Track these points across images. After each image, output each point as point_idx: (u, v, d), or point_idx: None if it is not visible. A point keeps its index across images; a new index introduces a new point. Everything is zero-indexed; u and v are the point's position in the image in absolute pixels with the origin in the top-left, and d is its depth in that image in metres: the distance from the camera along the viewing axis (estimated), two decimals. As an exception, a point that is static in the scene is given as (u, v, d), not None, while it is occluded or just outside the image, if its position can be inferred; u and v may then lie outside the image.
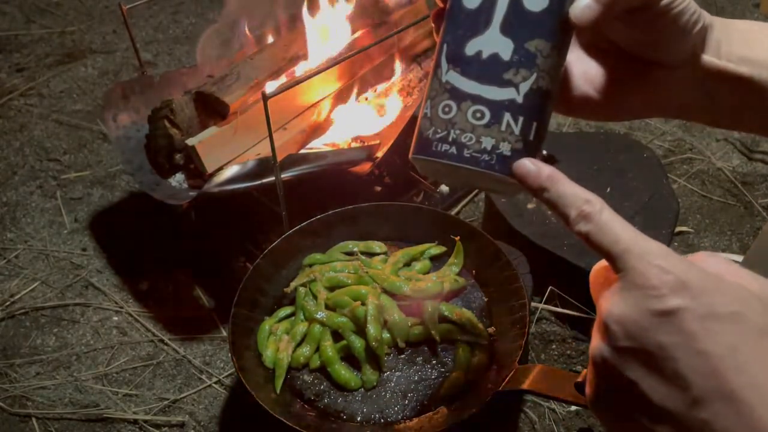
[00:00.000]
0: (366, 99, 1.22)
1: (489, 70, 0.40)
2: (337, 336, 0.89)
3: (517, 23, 0.40)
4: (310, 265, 0.98)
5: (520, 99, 0.40)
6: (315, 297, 0.93)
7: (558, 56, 0.41)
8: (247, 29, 1.21)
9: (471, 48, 0.40)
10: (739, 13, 1.81)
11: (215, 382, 1.03)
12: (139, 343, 1.09)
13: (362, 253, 1.00)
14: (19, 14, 1.93)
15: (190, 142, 1.05)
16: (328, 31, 1.21)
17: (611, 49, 0.48)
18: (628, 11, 0.43)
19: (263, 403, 0.78)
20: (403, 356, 0.89)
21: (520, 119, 0.40)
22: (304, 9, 1.18)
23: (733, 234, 1.23)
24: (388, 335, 0.88)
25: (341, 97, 1.20)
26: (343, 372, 0.87)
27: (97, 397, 1.01)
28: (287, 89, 0.94)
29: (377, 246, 1.01)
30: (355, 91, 1.20)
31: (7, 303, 1.15)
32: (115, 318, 1.13)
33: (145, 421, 0.98)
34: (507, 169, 0.40)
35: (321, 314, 0.90)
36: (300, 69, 1.18)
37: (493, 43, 0.40)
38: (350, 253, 1.00)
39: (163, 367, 1.05)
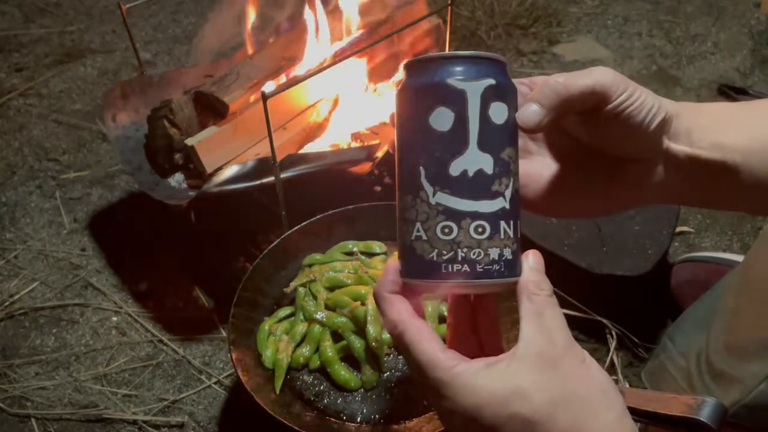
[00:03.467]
0: (375, 90, 1.21)
1: (478, 186, 0.42)
2: (336, 336, 0.89)
3: (490, 138, 0.42)
4: (310, 266, 0.98)
5: (507, 205, 0.42)
6: (315, 297, 0.93)
7: (518, 156, 0.45)
8: (247, 29, 1.21)
9: (455, 168, 0.42)
10: (740, 12, 1.81)
11: (215, 383, 1.03)
12: (138, 343, 1.09)
13: (362, 253, 1.00)
14: (18, 14, 1.93)
15: (189, 142, 1.05)
16: (328, 30, 1.20)
17: (581, 150, 0.49)
18: (580, 114, 0.45)
19: (263, 403, 0.78)
20: (403, 356, 0.89)
21: (511, 222, 0.43)
22: (304, 8, 1.18)
23: (734, 234, 1.23)
24: (388, 335, 0.88)
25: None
26: (342, 372, 0.87)
27: (96, 398, 1.01)
28: (287, 89, 0.94)
29: (377, 246, 1.01)
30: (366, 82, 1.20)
31: (7, 303, 1.15)
32: (115, 318, 1.12)
33: (145, 422, 0.98)
34: (513, 272, 0.43)
35: (321, 314, 0.90)
36: (300, 69, 1.17)
37: (475, 160, 0.42)
38: (350, 253, 1.00)
39: (162, 367, 1.05)
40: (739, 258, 1.02)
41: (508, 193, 0.42)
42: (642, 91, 0.45)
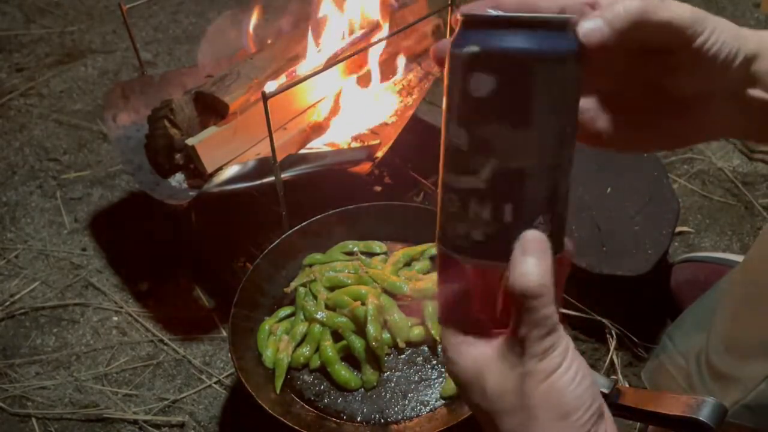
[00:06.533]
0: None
1: (454, 159, 0.40)
2: (337, 336, 0.89)
3: (467, 111, 0.39)
4: (310, 265, 0.98)
5: (483, 185, 0.39)
6: (315, 297, 0.93)
7: (512, 131, 0.39)
8: (248, 28, 1.21)
9: (445, 141, 0.40)
10: (740, 13, 1.81)
11: (215, 383, 1.03)
12: (139, 343, 1.09)
13: (362, 253, 1.00)
14: (19, 14, 1.93)
15: (189, 142, 1.05)
16: (328, 30, 1.20)
17: (646, 85, 0.45)
18: (655, 51, 0.41)
19: (263, 403, 0.78)
20: (403, 356, 0.89)
21: (489, 204, 0.39)
22: (305, 9, 1.18)
23: (734, 234, 1.23)
24: (388, 335, 0.88)
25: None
26: (343, 372, 0.87)
27: (97, 397, 1.01)
28: (287, 89, 0.94)
29: (377, 246, 1.01)
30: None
31: (7, 303, 1.15)
32: (115, 318, 1.13)
33: (145, 421, 0.98)
34: (482, 254, 0.41)
35: (321, 314, 0.90)
36: (300, 68, 1.17)
37: (454, 134, 0.39)
38: (350, 253, 1.00)
39: (163, 367, 1.05)
40: (739, 258, 1.02)
41: (486, 172, 0.39)
42: (721, 31, 0.41)
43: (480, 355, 0.41)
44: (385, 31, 1.21)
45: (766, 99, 0.44)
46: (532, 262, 0.38)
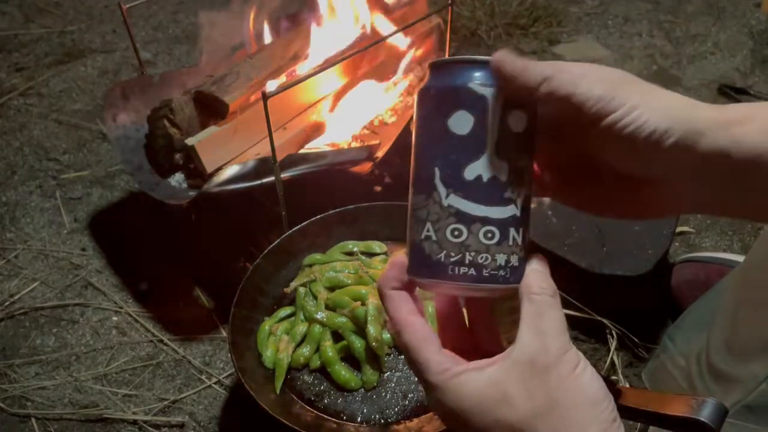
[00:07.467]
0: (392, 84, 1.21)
1: (492, 192, 0.42)
2: (337, 336, 0.89)
3: (507, 145, 0.42)
4: (310, 265, 0.98)
5: (519, 213, 0.43)
6: (315, 297, 0.93)
7: (533, 164, 0.44)
8: (248, 27, 1.21)
9: (470, 173, 0.42)
10: (740, 13, 1.81)
11: (215, 383, 1.03)
12: (138, 343, 1.09)
13: (362, 253, 1.00)
14: (18, 14, 1.93)
15: (189, 141, 1.05)
16: (328, 30, 1.20)
17: (591, 160, 0.44)
18: (581, 126, 0.40)
19: (263, 403, 0.78)
20: (403, 356, 0.89)
21: (521, 230, 0.43)
22: (305, 8, 1.18)
23: (735, 234, 1.23)
24: (388, 335, 0.88)
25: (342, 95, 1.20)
26: (343, 372, 0.87)
27: (96, 398, 1.01)
28: (287, 89, 0.94)
29: (377, 246, 1.01)
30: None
31: (7, 303, 1.15)
32: (115, 318, 1.12)
33: (145, 422, 0.98)
34: (518, 278, 0.43)
35: (321, 314, 0.90)
36: (300, 68, 1.17)
37: (491, 166, 0.42)
38: (350, 253, 1.00)
39: (162, 367, 1.05)
40: (740, 258, 1.02)
41: (520, 201, 0.42)
42: (645, 110, 0.38)
43: (493, 370, 0.41)
44: (385, 30, 1.20)
45: (722, 178, 0.40)
46: (546, 270, 0.43)
